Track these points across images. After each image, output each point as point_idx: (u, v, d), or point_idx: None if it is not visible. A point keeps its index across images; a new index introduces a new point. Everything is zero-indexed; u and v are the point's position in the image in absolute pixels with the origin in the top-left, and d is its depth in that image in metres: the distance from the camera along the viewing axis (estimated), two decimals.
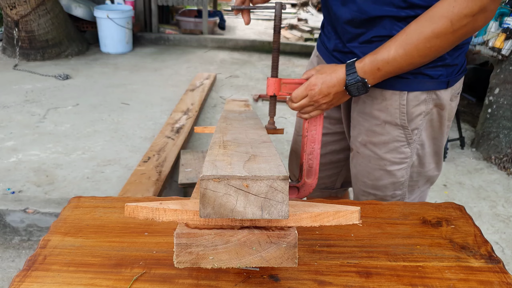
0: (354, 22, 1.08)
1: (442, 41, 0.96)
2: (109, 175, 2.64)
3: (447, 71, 1.10)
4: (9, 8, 4.46)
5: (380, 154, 1.20)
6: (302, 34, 6.61)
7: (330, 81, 1.06)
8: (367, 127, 1.20)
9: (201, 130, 1.41)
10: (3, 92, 3.84)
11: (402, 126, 1.15)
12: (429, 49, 0.97)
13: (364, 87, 1.04)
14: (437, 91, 1.11)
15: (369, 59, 1.03)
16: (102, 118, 3.43)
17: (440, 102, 1.13)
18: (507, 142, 3.11)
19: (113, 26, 4.98)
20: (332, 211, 0.74)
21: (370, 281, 0.83)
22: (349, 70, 1.04)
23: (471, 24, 0.93)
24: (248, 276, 0.83)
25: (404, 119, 1.14)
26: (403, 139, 1.17)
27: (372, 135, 1.20)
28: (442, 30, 0.94)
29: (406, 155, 1.20)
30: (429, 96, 1.12)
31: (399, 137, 1.17)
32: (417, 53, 0.98)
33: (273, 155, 0.81)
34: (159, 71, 4.68)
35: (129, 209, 0.73)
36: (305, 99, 1.10)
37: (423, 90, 1.10)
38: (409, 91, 1.11)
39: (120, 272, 0.84)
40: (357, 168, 1.29)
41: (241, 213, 0.68)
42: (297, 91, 1.11)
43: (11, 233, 2.19)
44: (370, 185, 1.26)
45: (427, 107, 1.13)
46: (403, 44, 0.98)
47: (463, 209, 1.11)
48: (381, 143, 1.19)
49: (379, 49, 1.02)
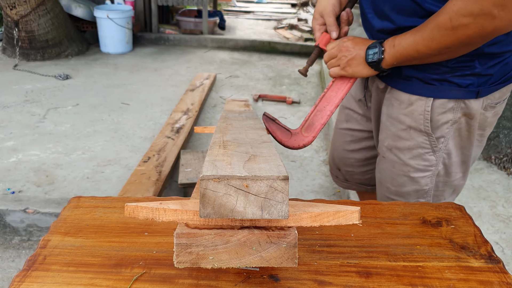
0: (385, 31, 1.14)
1: (443, 36, 0.97)
2: (109, 175, 2.64)
3: (478, 80, 1.08)
4: (9, 8, 4.46)
5: (404, 159, 1.21)
6: (302, 34, 6.61)
7: (361, 43, 1.14)
8: (393, 131, 1.21)
9: (201, 130, 1.41)
10: (3, 92, 3.84)
11: (426, 133, 1.16)
12: (431, 40, 0.99)
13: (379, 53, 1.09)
14: (466, 100, 1.10)
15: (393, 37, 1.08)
16: (102, 118, 3.43)
17: (469, 112, 1.11)
18: (507, 142, 3.11)
19: (113, 26, 4.98)
20: (332, 211, 0.74)
21: (370, 281, 0.83)
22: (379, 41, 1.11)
23: (473, 27, 0.91)
24: (248, 276, 0.83)
25: (428, 125, 1.14)
26: (428, 146, 1.17)
27: (398, 140, 1.21)
28: (442, 24, 0.96)
29: (431, 163, 1.19)
30: (457, 105, 1.11)
31: (424, 144, 1.17)
32: (422, 42, 1.01)
33: (273, 155, 0.81)
34: (159, 71, 4.68)
35: (129, 209, 0.73)
36: (335, 48, 1.17)
37: (449, 98, 1.10)
38: (435, 98, 1.11)
39: (120, 272, 0.84)
40: (381, 173, 1.29)
41: (241, 213, 0.68)
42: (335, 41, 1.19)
43: (11, 233, 2.19)
44: (393, 191, 1.27)
45: (455, 116, 1.12)
46: (415, 30, 1.03)
47: (463, 209, 1.11)
48: (405, 149, 1.20)
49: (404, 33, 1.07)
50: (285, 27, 7.16)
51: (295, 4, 9.24)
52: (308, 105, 4.00)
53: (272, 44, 5.79)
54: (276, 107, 3.87)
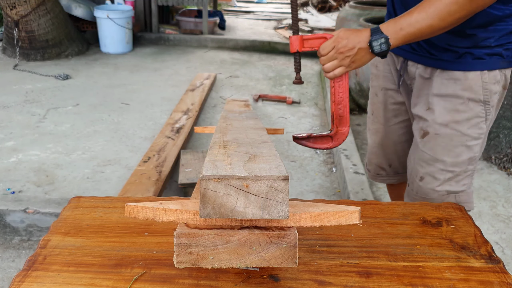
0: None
1: (460, 7, 1.06)
2: (109, 175, 2.64)
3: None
4: (9, 8, 4.46)
5: (463, 130, 1.30)
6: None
7: (356, 37, 1.16)
8: (449, 107, 1.30)
9: (201, 130, 1.41)
10: (3, 92, 3.84)
11: (484, 102, 1.27)
12: (448, 14, 1.08)
13: (386, 44, 1.13)
14: (506, 70, 1.26)
15: (393, 21, 1.14)
16: (102, 118, 3.43)
17: (505, 83, 1.28)
18: (507, 142, 3.11)
19: (113, 26, 4.98)
20: (332, 211, 0.74)
21: (370, 281, 0.83)
22: (374, 30, 1.15)
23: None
24: (248, 276, 0.83)
25: (487, 94, 1.26)
26: (483, 114, 1.29)
27: (456, 114, 1.29)
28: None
29: (483, 130, 1.31)
30: (501, 77, 1.26)
31: (480, 113, 1.29)
32: (437, 17, 1.08)
33: (273, 155, 0.81)
34: (159, 71, 4.68)
35: (129, 209, 0.73)
36: (332, 51, 1.18)
37: (498, 68, 1.25)
38: (489, 70, 1.24)
39: (120, 272, 0.84)
40: (434, 150, 1.36)
41: (241, 213, 0.68)
42: (326, 43, 1.19)
43: (11, 233, 2.19)
44: (450, 162, 1.35)
45: (499, 87, 1.28)
46: (425, 7, 1.09)
47: (463, 209, 1.11)
48: (464, 120, 1.29)
49: (403, 15, 1.14)
50: (285, 27, 7.16)
51: None
52: (308, 105, 4.00)
53: (272, 44, 5.79)
54: (276, 107, 3.87)
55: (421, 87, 1.37)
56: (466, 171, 1.36)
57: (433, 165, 1.38)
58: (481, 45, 1.22)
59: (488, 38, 1.21)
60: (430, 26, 1.10)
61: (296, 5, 1.22)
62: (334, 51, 1.17)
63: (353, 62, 1.18)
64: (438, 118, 1.33)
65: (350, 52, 1.16)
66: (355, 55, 1.17)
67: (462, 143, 1.32)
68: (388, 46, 1.13)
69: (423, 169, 1.41)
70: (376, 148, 1.65)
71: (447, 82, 1.29)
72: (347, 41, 1.16)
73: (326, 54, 1.19)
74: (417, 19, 1.10)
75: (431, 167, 1.38)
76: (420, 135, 1.38)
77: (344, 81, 1.23)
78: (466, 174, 1.36)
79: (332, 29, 6.53)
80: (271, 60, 5.42)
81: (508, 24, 1.19)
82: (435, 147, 1.36)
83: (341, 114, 1.25)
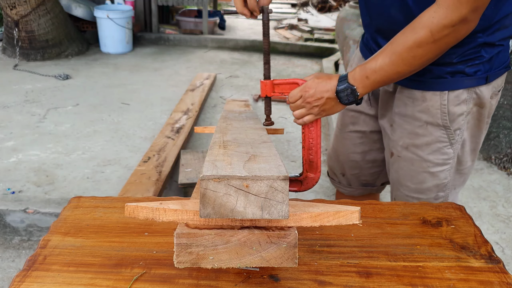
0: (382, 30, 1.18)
1: (425, 50, 1.00)
2: (109, 175, 2.64)
3: (484, 67, 1.13)
4: (9, 8, 4.46)
5: (423, 156, 1.22)
6: (302, 34, 6.61)
7: (324, 86, 1.11)
8: (409, 129, 1.22)
9: (201, 130, 1.41)
10: (3, 92, 3.84)
11: (444, 127, 1.18)
12: (413, 58, 1.01)
13: (353, 94, 1.09)
14: (477, 89, 1.14)
15: (359, 68, 1.08)
16: (102, 118, 3.43)
17: (480, 101, 1.16)
18: (507, 142, 3.11)
19: (113, 26, 4.98)
20: (332, 211, 0.74)
21: (370, 281, 0.83)
22: (341, 78, 1.10)
23: (453, 34, 0.97)
24: (248, 276, 0.83)
25: (446, 119, 1.16)
26: (446, 139, 1.19)
27: (415, 137, 1.22)
28: (423, 40, 0.98)
29: (449, 156, 1.21)
30: (469, 96, 1.15)
31: (442, 138, 1.19)
32: (402, 62, 1.02)
33: (273, 155, 0.81)
34: (159, 71, 4.68)
35: (129, 209, 0.73)
36: (299, 100, 1.14)
37: (463, 87, 1.14)
38: (449, 90, 1.14)
39: (120, 272, 0.84)
40: (399, 173, 1.29)
41: (241, 213, 0.68)
42: (293, 91, 1.15)
43: (11, 233, 2.19)
44: (413, 189, 1.27)
45: (468, 107, 1.16)
46: (389, 53, 1.03)
47: (463, 209, 1.11)
48: (423, 145, 1.21)
49: (369, 60, 1.07)
50: (285, 27, 7.16)
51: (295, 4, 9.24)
52: None
53: (272, 44, 5.79)
54: (276, 107, 3.87)
55: (387, 101, 1.30)
56: (437, 198, 1.27)
57: (399, 190, 1.32)
58: (441, 61, 1.11)
59: (449, 54, 1.09)
60: (397, 72, 1.04)
61: (268, 48, 1.17)
62: (301, 100, 1.13)
63: (323, 111, 1.14)
64: (399, 140, 1.25)
65: (318, 102, 1.11)
66: (323, 104, 1.12)
67: (424, 169, 1.23)
68: (355, 96, 1.08)
69: (393, 191, 1.36)
70: (331, 151, 1.58)
71: (406, 100, 1.21)
72: (314, 91, 1.11)
73: (294, 102, 1.15)
74: (382, 66, 1.04)
75: (398, 191, 1.33)
76: (390, 154, 1.32)
77: (316, 128, 1.19)
78: (437, 201, 1.27)
79: (332, 29, 6.53)
80: (271, 60, 5.39)
81: (476, 37, 1.07)
82: (399, 170, 1.29)
83: (311, 160, 1.21)
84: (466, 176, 1.31)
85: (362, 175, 1.52)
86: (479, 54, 1.10)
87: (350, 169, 1.52)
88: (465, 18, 0.95)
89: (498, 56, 1.13)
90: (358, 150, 1.47)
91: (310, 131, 1.20)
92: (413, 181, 1.26)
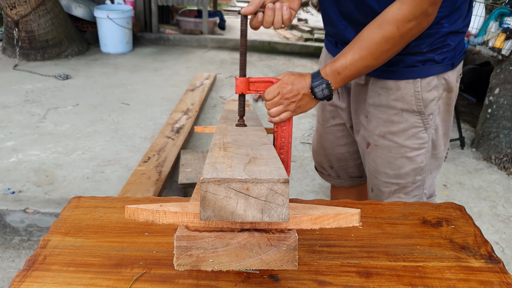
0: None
1: (392, 45, 1.07)
2: (109, 175, 2.64)
3: (450, 54, 1.21)
4: (9, 8, 4.46)
5: (400, 142, 1.28)
6: (302, 34, 6.61)
7: (300, 83, 1.15)
8: (384, 118, 1.28)
9: (201, 130, 1.41)
10: (3, 92, 3.84)
11: (419, 112, 1.24)
12: (381, 52, 1.09)
13: (328, 89, 1.13)
14: (446, 74, 1.23)
15: (329, 65, 1.13)
16: (102, 118, 3.43)
17: (448, 86, 1.25)
18: (507, 142, 3.11)
19: (113, 26, 4.98)
20: (332, 213, 0.75)
21: (370, 281, 0.83)
22: (314, 75, 1.15)
23: (416, 27, 1.06)
24: (248, 276, 0.83)
25: (420, 105, 1.23)
26: (421, 124, 1.26)
27: (391, 125, 1.27)
28: (390, 35, 1.06)
29: (424, 140, 1.28)
30: (439, 82, 1.23)
31: (417, 123, 1.26)
32: (371, 57, 1.09)
33: (273, 157, 0.81)
34: (159, 71, 4.68)
35: (129, 212, 0.74)
36: (277, 97, 1.16)
37: (433, 74, 1.21)
38: (421, 77, 1.21)
39: (120, 272, 0.84)
40: (376, 162, 1.34)
41: (241, 216, 0.68)
42: (270, 88, 1.17)
43: (11, 233, 2.19)
44: (392, 175, 1.33)
45: (438, 92, 1.24)
46: (357, 49, 1.10)
47: (463, 209, 1.11)
48: (400, 131, 1.27)
49: (338, 56, 1.13)
50: (285, 27, 7.15)
51: None
52: None
53: (272, 44, 5.79)
54: None
55: (359, 94, 1.34)
56: (415, 182, 1.32)
57: (377, 178, 1.36)
58: (413, 51, 1.18)
59: (419, 44, 1.17)
60: (366, 66, 1.10)
61: (245, 50, 1.18)
62: (279, 96, 1.15)
63: (299, 108, 1.16)
64: (375, 129, 1.30)
65: (296, 98, 1.14)
66: (300, 100, 1.15)
67: (401, 155, 1.29)
68: (330, 90, 1.13)
69: (371, 181, 1.40)
70: (317, 147, 1.62)
71: (380, 91, 1.26)
72: (292, 86, 1.14)
73: (271, 99, 1.16)
74: (351, 61, 1.10)
75: (376, 180, 1.37)
76: (366, 145, 1.36)
77: (288, 127, 1.20)
78: (415, 185, 1.33)
79: None
80: (271, 60, 5.42)
81: (442, 27, 1.16)
82: (376, 159, 1.34)
83: (282, 160, 1.21)
84: (441, 161, 1.37)
85: (349, 167, 1.58)
86: (446, 42, 1.19)
87: (337, 161, 1.59)
88: (426, 12, 1.04)
89: (460, 43, 1.23)
90: (341, 142, 1.53)
91: (283, 130, 1.21)
92: (391, 167, 1.32)
